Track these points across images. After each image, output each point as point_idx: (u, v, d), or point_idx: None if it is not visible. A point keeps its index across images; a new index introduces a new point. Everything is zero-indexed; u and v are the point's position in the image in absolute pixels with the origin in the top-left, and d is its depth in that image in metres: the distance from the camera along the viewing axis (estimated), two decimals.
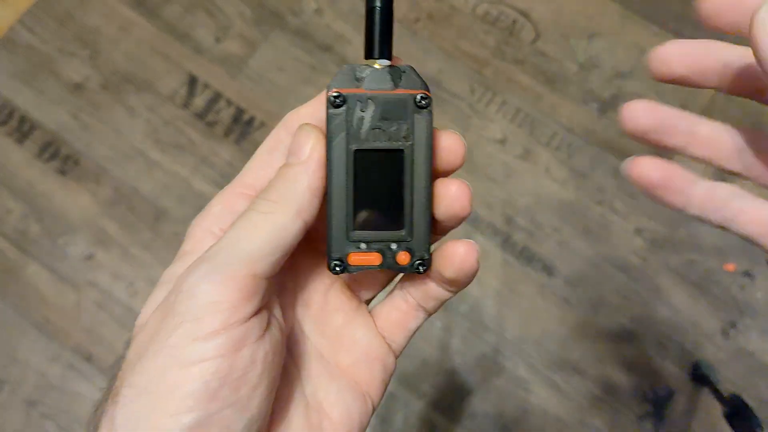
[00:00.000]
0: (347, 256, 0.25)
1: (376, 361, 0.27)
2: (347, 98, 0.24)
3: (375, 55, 0.25)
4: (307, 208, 0.23)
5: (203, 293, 0.21)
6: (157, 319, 0.22)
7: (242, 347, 0.21)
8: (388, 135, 0.24)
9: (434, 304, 0.27)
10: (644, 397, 0.86)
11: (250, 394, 0.22)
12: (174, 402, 0.20)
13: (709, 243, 0.91)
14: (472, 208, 0.25)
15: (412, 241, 0.25)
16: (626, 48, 1.00)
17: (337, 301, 0.28)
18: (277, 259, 0.23)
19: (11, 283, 0.89)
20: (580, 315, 0.88)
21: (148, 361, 0.21)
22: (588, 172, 0.94)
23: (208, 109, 0.96)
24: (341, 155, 0.24)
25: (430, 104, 0.24)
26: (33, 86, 0.97)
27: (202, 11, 1.01)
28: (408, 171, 0.24)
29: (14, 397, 0.85)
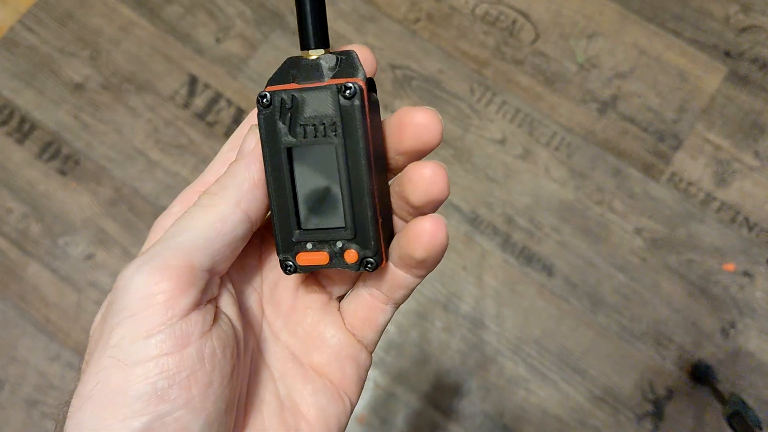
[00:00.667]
0: (296, 256, 0.24)
1: (347, 360, 0.26)
2: (273, 97, 0.23)
3: (309, 44, 0.24)
4: (246, 199, 0.23)
5: (137, 286, 0.20)
6: (101, 322, 0.21)
7: (187, 344, 0.20)
8: (317, 130, 0.23)
9: (402, 293, 0.26)
10: (644, 397, 0.86)
11: (203, 392, 0.20)
12: (121, 407, 0.19)
13: (709, 243, 0.91)
14: (449, 189, 0.23)
15: (357, 239, 0.24)
16: (625, 48, 1.00)
17: (307, 300, 0.27)
18: (217, 249, 0.22)
19: (11, 282, 0.89)
20: (579, 315, 0.88)
21: (93, 367, 0.20)
22: (587, 172, 0.94)
23: (209, 109, 0.96)
24: (275, 155, 0.23)
25: (356, 93, 0.22)
26: (33, 86, 0.97)
27: (202, 11, 1.01)
28: (342, 166, 0.23)
29: (14, 396, 0.85)
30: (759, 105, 0.96)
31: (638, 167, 0.94)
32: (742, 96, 0.97)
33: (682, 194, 0.93)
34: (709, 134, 0.96)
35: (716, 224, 0.92)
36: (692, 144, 0.95)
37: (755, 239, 0.91)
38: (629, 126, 0.96)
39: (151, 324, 0.20)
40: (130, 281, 0.21)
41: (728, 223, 0.92)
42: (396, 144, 0.24)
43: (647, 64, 0.99)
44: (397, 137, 0.24)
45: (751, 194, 0.93)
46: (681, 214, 0.92)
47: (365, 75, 0.23)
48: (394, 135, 0.24)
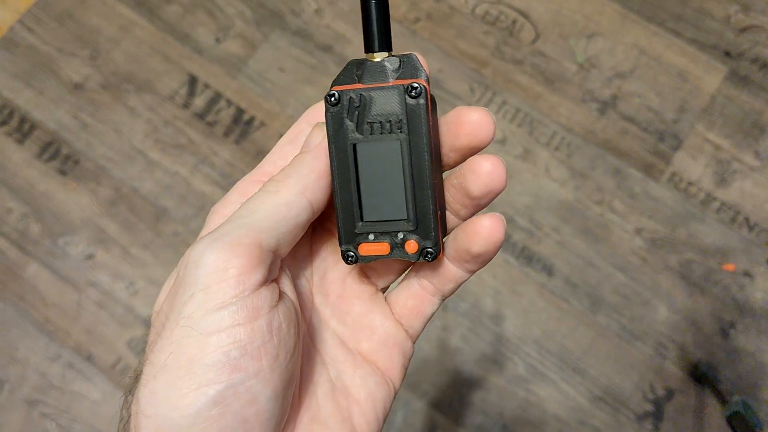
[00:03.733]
0: (358, 246, 0.26)
1: (395, 348, 0.28)
2: (341, 95, 0.24)
3: (374, 48, 0.25)
4: (311, 188, 0.24)
5: (209, 261, 0.21)
6: (170, 297, 0.22)
7: (258, 316, 0.21)
8: (383, 127, 0.24)
9: (452, 286, 0.28)
10: (644, 397, 0.86)
11: (271, 364, 0.21)
12: (196, 375, 0.20)
13: (709, 243, 0.91)
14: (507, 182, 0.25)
15: (417, 230, 0.25)
16: (625, 48, 1.00)
17: (355, 290, 0.28)
18: (282, 233, 0.23)
19: (11, 283, 0.89)
20: (579, 315, 0.88)
21: (166, 337, 0.21)
22: (587, 172, 0.94)
23: (209, 109, 0.96)
24: (342, 150, 0.25)
25: (422, 93, 0.24)
26: (33, 86, 0.97)
27: (202, 11, 1.01)
28: (407, 161, 0.24)
29: (14, 396, 0.85)
30: (759, 105, 0.96)
31: (638, 167, 0.94)
32: (743, 96, 0.97)
33: (682, 194, 0.93)
34: (709, 134, 0.96)
35: (716, 224, 0.92)
36: (692, 144, 0.95)
37: (755, 239, 0.91)
38: (629, 126, 0.96)
39: (223, 296, 0.21)
40: (202, 257, 0.21)
41: (728, 223, 0.92)
42: (451, 141, 0.25)
43: (647, 64, 0.99)
44: (453, 135, 0.25)
45: (751, 194, 0.93)
46: (681, 214, 0.92)
47: (427, 76, 0.25)
48: (450, 132, 0.25)
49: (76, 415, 0.84)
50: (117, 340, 0.87)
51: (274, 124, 0.96)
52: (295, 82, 0.98)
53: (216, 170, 0.93)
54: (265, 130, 0.95)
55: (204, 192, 0.92)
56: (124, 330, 0.87)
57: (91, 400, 0.85)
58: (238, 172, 0.92)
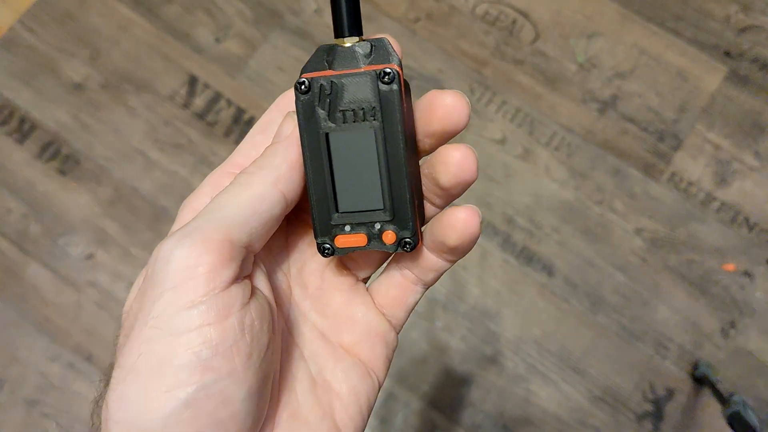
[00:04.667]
0: (334, 238, 0.25)
1: (377, 339, 0.27)
2: (312, 83, 0.23)
3: (344, 32, 0.24)
4: (284, 180, 0.23)
5: (178, 258, 0.20)
6: (139, 296, 0.22)
7: (228, 315, 0.21)
8: (356, 115, 0.23)
9: (433, 275, 0.27)
10: (644, 397, 0.86)
11: (245, 363, 0.21)
12: (166, 377, 0.19)
13: (709, 243, 0.91)
14: (478, 172, 0.24)
15: (395, 220, 0.24)
16: (626, 48, 1.00)
17: (335, 281, 0.27)
18: (254, 227, 0.22)
19: (11, 283, 0.89)
20: (579, 315, 0.88)
21: (135, 339, 0.20)
22: (588, 172, 0.94)
23: (208, 109, 0.96)
24: (314, 140, 0.24)
25: (394, 78, 0.23)
26: (33, 86, 0.97)
27: (201, 11, 1.01)
28: (381, 149, 0.24)
29: (14, 396, 0.85)
30: (759, 105, 0.96)
31: (638, 167, 0.94)
32: (743, 96, 0.97)
33: (682, 194, 0.93)
34: (709, 134, 0.95)
35: (716, 224, 0.92)
36: (692, 144, 0.95)
37: (755, 239, 0.91)
38: (629, 126, 0.96)
39: (193, 295, 0.20)
40: (171, 254, 0.21)
41: (728, 223, 0.92)
42: (425, 126, 0.24)
43: (647, 64, 0.99)
44: (426, 119, 0.24)
45: (751, 194, 0.93)
46: (681, 214, 0.92)
47: (399, 61, 0.24)
48: (424, 117, 0.24)
49: (76, 415, 0.84)
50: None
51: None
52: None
53: None
54: None
55: None
56: None
57: (91, 400, 0.84)
58: None
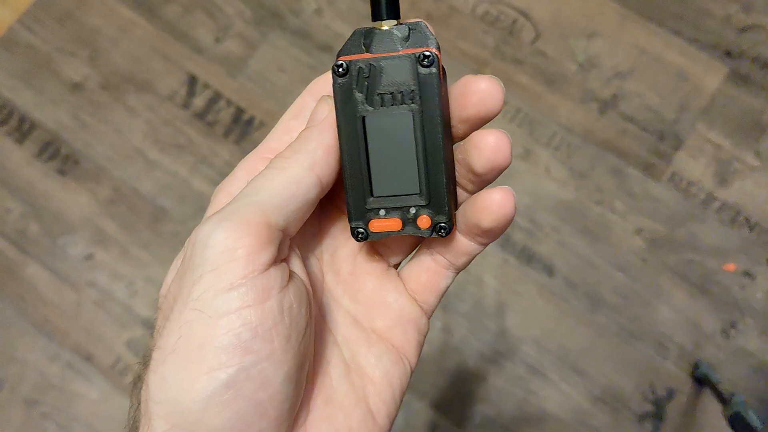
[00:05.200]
0: (368, 223, 0.24)
1: (409, 324, 0.27)
2: (350, 66, 0.23)
3: (381, 15, 0.24)
4: (320, 164, 0.23)
5: (217, 241, 0.21)
6: (177, 279, 0.22)
7: (268, 297, 0.21)
8: (395, 98, 0.23)
9: (465, 259, 0.26)
10: (644, 397, 0.86)
11: (284, 346, 0.21)
12: (207, 359, 0.20)
13: (709, 243, 0.91)
14: (512, 157, 0.24)
15: (431, 204, 0.24)
16: (625, 48, 1.00)
17: (367, 267, 0.27)
18: (291, 210, 0.22)
19: (11, 282, 0.89)
20: (579, 315, 0.88)
21: (174, 321, 0.20)
22: (587, 172, 0.94)
23: (208, 109, 0.96)
24: (351, 123, 0.24)
25: (434, 61, 0.23)
26: (33, 86, 0.97)
27: (201, 11, 1.01)
28: (419, 133, 0.23)
29: (14, 396, 0.85)
30: (760, 105, 0.96)
31: (638, 167, 0.94)
32: (743, 96, 0.97)
33: (682, 194, 0.93)
34: (709, 134, 0.95)
35: (717, 224, 0.92)
36: (693, 144, 0.95)
37: (756, 239, 0.91)
38: (629, 126, 0.96)
39: (233, 277, 0.20)
40: (209, 236, 0.21)
41: (729, 223, 0.92)
42: (459, 111, 0.24)
43: (647, 64, 0.99)
44: (461, 105, 0.24)
45: (751, 194, 0.93)
46: (681, 214, 0.92)
47: (437, 44, 0.24)
48: (458, 102, 0.24)
49: (75, 414, 0.84)
50: (116, 340, 0.87)
51: (274, 124, 0.95)
52: (295, 82, 0.98)
53: (215, 170, 0.93)
54: (265, 130, 0.95)
55: (203, 192, 0.91)
56: (123, 330, 0.87)
57: (90, 399, 0.84)
58: None
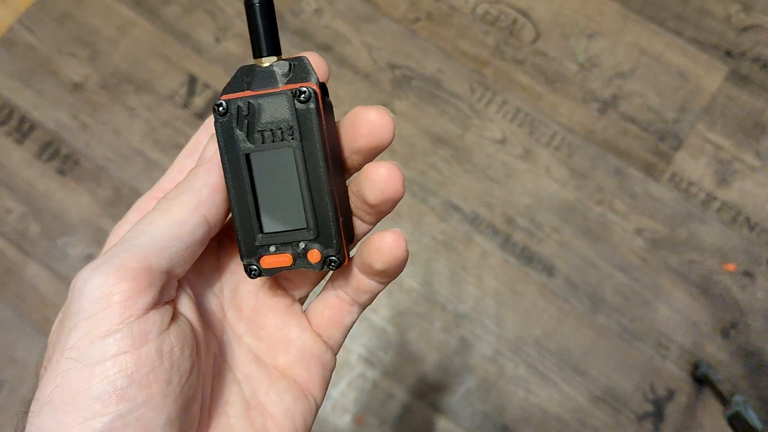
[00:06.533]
0: (260, 259, 0.25)
1: (313, 360, 0.27)
2: (229, 104, 0.24)
3: (262, 52, 0.24)
4: (205, 203, 0.23)
5: (93, 288, 0.20)
6: (57, 327, 0.21)
7: (145, 342, 0.20)
8: (275, 135, 0.24)
9: (367, 297, 0.27)
10: (644, 397, 0.86)
11: (163, 390, 0.20)
12: (80, 408, 0.19)
13: (709, 243, 0.91)
14: (404, 188, 0.24)
15: (320, 238, 0.24)
16: (626, 48, 0.99)
17: (270, 302, 0.27)
18: (174, 252, 0.22)
19: (10, 283, 0.89)
20: (580, 315, 0.88)
21: (51, 371, 0.20)
22: (588, 172, 0.94)
23: (208, 109, 0.96)
24: (235, 162, 0.24)
25: (311, 96, 0.23)
26: (32, 86, 0.97)
27: (201, 11, 1.01)
28: (301, 168, 0.24)
29: (13, 397, 0.85)
30: (760, 105, 0.96)
31: (639, 167, 0.94)
32: (743, 96, 0.97)
33: (682, 194, 0.93)
34: (710, 134, 0.95)
35: (717, 224, 0.92)
36: (693, 144, 0.95)
37: (756, 239, 0.91)
38: (630, 126, 0.96)
39: (108, 323, 0.20)
40: (86, 283, 0.21)
41: (729, 223, 0.92)
42: (351, 143, 0.24)
43: (648, 64, 0.99)
44: (351, 136, 0.24)
45: (752, 194, 0.93)
46: (682, 214, 0.92)
47: (318, 79, 0.24)
48: (349, 134, 0.24)
49: None
50: None
51: None
52: None
53: None
54: None
55: None
56: None
57: None
58: None
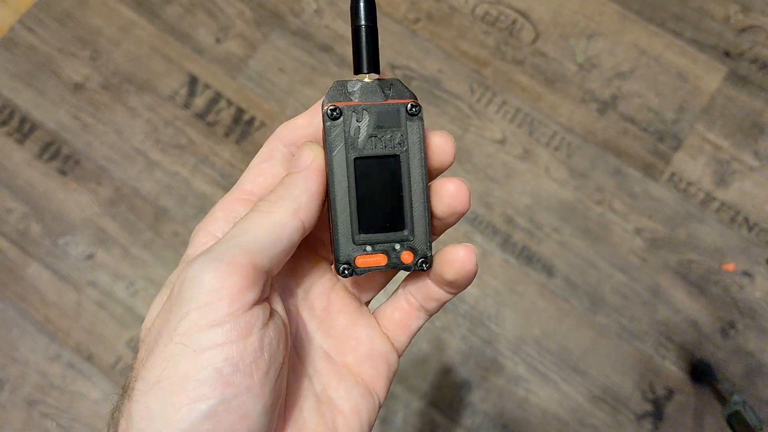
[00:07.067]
0: (354, 259, 0.26)
1: (380, 359, 0.28)
2: (343, 110, 0.26)
3: (364, 69, 0.27)
4: (304, 209, 0.25)
5: (207, 280, 0.22)
6: (163, 313, 0.23)
7: (250, 334, 0.22)
8: (384, 142, 0.26)
9: (435, 305, 0.29)
10: (643, 397, 0.86)
11: (262, 380, 0.22)
12: (188, 391, 0.21)
13: (709, 243, 0.91)
14: (470, 203, 0.26)
15: (414, 240, 0.26)
16: (625, 48, 1.00)
17: (340, 303, 0.29)
18: (275, 253, 0.24)
19: (12, 282, 0.89)
20: (579, 315, 0.88)
21: (159, 354, 0.22)
22: (588, 172, 0.94)
23: (209, 109, 0.96)
24: (341, 164, 0.26)
25: (420, 111, 0.26)
26: (33, 86, 0.97)
27: (202, 11, 1.01)
28: (405, 174, 0.26)
29: (15, 396, 0.85)
30: (759, 105, 0.96)
31: (638, 167, 0.94)
32: (742, 96, 0.97)
33: (682, 194, 0.93)
34: (709, 134, 0.96)
35: (716, 224, 0.92)
36: (692, 144, 0.95)
37: (755, 239, 0.91)
38: (629, 126, 0.96)
39: (218, 314, 0.22)
40: (199, 275, 0.22)
41: (728, 223, 0.92)
42: None
43: (647, 64, 0.99)
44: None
45: (751, 194, 0.93)
46: (681, 214, 0.92)
47: (416, 97, 0.27)
48: None
49: (76, 414, 0.84)
50: (117, 340, 0.87)
51: (274, 125, 0.96)
52: (295, 83, 0.98)
53: (216, 170, 0.93)
54: (265, 131, 0.95)
55: (204, 192, 0.92)
56: (124, 330, 0.87)
57: (91, 399, 0.85)
58: (238, 172, 0.92)
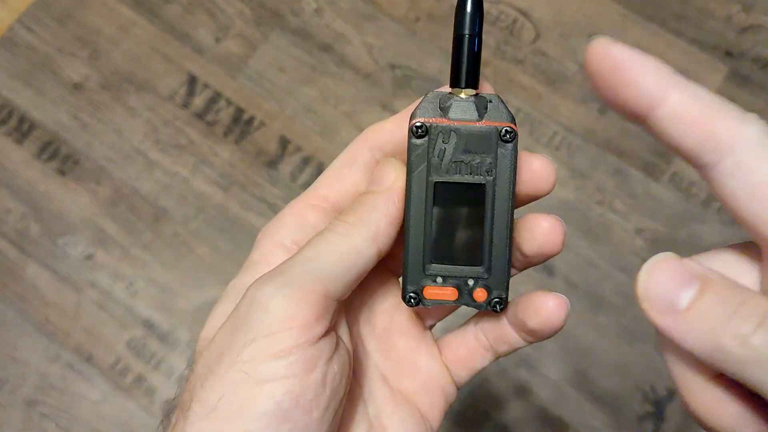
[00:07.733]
0: (423, 289, 0.24)
1: (437, 390, 0.27)
2: (430, 129, 0.23)
3: (461, 84, 0.24)
4: (383, 235, 0.23)
5: (277, 308, 0.21)
6: (226, 332, 0.22)
7: (314, 368, 0.21)
8: (470, 168, 0.23)
9: (507, 348, 0.26)
10: (644, 397, 0.86)
11: (320, 417, 0.21)
12: (245, 422, 0.20)
13: (710, 243, 0.91)
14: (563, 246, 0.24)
15: (489, 278, 0.24)
16: None
17: (403, 325, 0.27)
18: (349, 281, 0.22)
19: (11, 283, 0.89)
20: (580, 315, 0.88)
21: (219, 377, 0.21)
22: (588, 171, 0.94)
23: (208, 109, 0.96)
24: (421, 186, 0.23)
25: (515, 138, 0.24)
26: (32, 86, 0.97)
27: (202, 11, 1.01)
28: (489, 206, 0.23)
29: (14, 397, 0.85)
30: (760, 105, 0.96)
31: (639, 167, 0.94)
32: (744, 96, 0.97)
33: (683, 194, 0.93)
34: None
35: (717, 225, 0.92)
36: None
37: None
38: (630, 126, 0.96)
39: (285, 345, 0.21)
40: (270, 301, 0.21)
41: (729, 223, 0.92)
42: None
43: None
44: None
45: None
46: (682, 215, 0.92)
47: (514, 120, 0.24)
48: None
49: (76, 415, 0.84)
50: (117, 341, 0.87)
51: (274, 124, 0.96)
52: (295, 82, 0.98)
53: (216, 170, 0.93)
54: (265, 131, 0.95)
55: (204, 192, 0.91)
56: (123, 330, 0.87)
57: (91, 400, 0.84)
58: (238, 172, 0.92)
